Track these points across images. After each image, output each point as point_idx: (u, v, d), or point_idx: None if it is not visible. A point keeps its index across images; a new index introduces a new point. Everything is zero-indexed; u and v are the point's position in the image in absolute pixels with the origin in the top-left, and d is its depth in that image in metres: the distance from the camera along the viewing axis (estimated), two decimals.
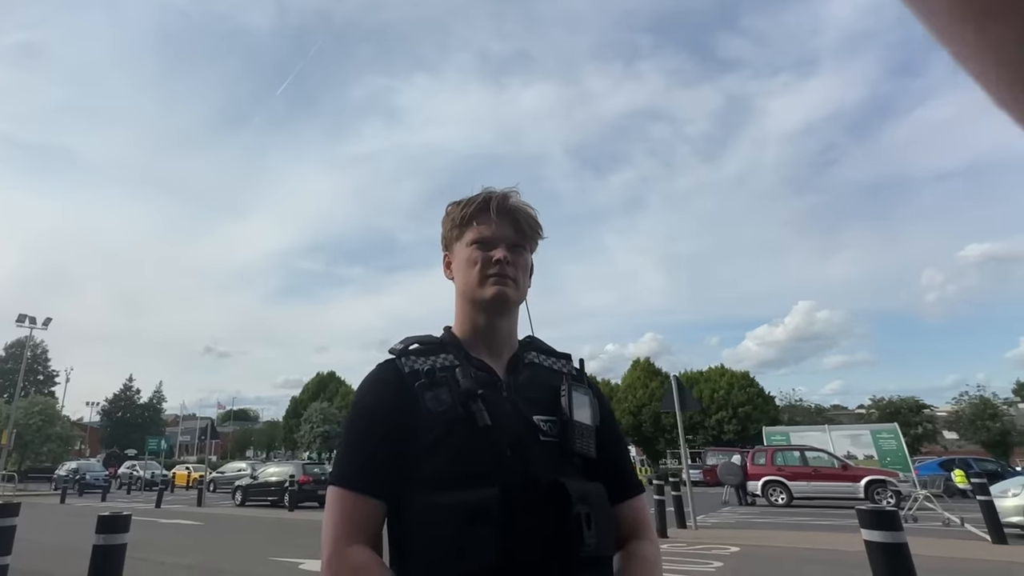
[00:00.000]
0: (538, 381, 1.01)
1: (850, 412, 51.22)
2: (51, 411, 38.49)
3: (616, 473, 1.02)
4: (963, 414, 38.22)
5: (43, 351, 51.55)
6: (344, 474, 0.91)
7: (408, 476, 0.89)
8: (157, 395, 58.04)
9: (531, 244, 1.07)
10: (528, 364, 1.04)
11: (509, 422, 0.93)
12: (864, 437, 20.83)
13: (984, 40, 0.20)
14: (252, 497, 18.49)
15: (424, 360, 0.98)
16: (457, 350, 1.01)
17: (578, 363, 1.10)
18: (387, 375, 0.98)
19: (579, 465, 0.95)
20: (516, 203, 1.05)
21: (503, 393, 0.97)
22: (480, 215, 1.04)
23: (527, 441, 0.93)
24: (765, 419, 35.68)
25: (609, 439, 1.03)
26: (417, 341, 1.02)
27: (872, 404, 42.67)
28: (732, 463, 18.37)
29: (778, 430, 24.51)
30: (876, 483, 15.80)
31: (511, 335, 1.05)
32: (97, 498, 22.03)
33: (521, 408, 0.96)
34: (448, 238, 1.09)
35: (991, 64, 0.21)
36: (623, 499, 1.02)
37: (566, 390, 1.00)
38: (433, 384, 0.94)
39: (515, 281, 1.01)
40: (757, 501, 17.29)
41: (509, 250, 1.02)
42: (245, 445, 66.17)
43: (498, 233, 1.03)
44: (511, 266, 1.01)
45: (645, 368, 44.56)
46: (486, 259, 1.01)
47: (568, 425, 0.96)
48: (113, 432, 54.07)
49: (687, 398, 11.70)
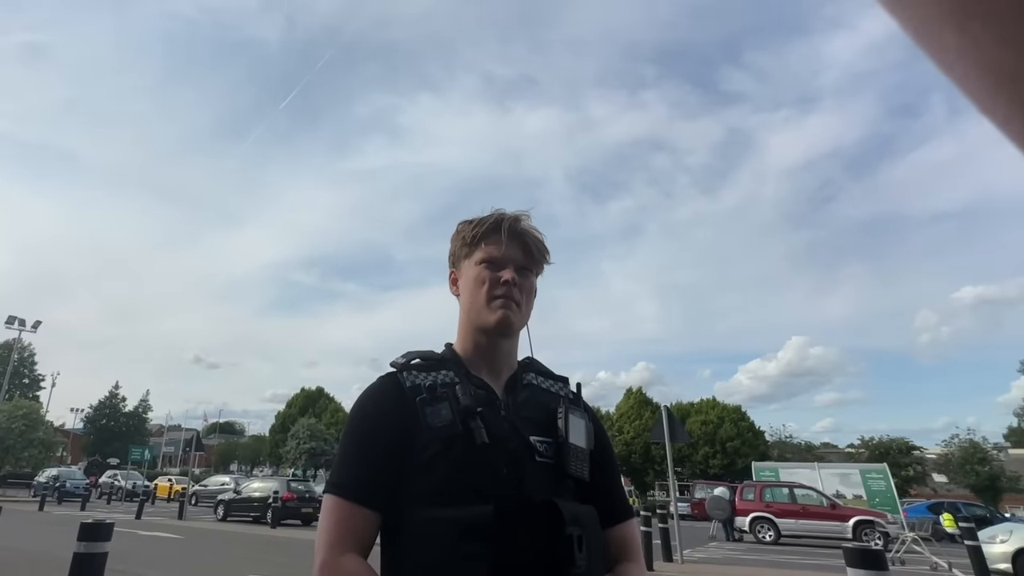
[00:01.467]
0: (536, 402, 1.03)
1: (840, 451, 50.89)
2: (35, 416, 37.90)
3: (608, 497, 1.04)
4: (953, 457, 38.07)
5: (30, 354, 51.05)
6: (340, 482, 0.92)
7: (404, 490, 0.91)
8: (143, 404, 57.35)
9: (538, 268, 1.09)
10: (526, 385, 1.05)
11: (506, 441, 0.94)
12: (853, 476, 20.74)
13: (964, 41, 0.20)
14: (234, 512, 18.19)
15: (425, 375, 0.99)
16: (458, 367, 1.02)
17: (575, 387, 1.12)
18: (389, 388, 0.99)
19: (572, 487, 0.97)
20: (527, 226, 1.07)
21: (501, 412, 0.98)
22: (491, 235, 1.05)
23: (523, 460, 0.94)
24: (754, 454, 35.57)
25: (603, 463, 1.05)
26: (419, 356, 1.04)
27: (862, 444, 42.52)
28: (720, 497, 18.19)
29: (767, 466, 24.40)
30: (864, 523, 15.67)
31: (511, 355, 1.07)
32: (76, 507, 21.61)
33: (518, 428, 0.97)
34: (457, 255, 1.10)
35: (972, 66, 0.21)
36: (614, 523, 1.04)
37: (563, 413, 1.01)
38: (434, 400, 0.94)
39: (519, 305, 1.03)
40: (744, 537, 17.11)
41: (517, 272, 1.04)
42: (230, 459, 65.08)
43: (507, 254, 1.04)
44: (517, 288, 1.03)
45: (638, 398, 44.43)
46: (494, 279, 1.02)
47: (563, 447, 0.97)
48: (96, 440, 53.19)
49: (677, 429, 11.67)
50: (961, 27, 0.20)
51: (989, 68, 0.20)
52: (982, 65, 0.20)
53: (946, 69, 0.22)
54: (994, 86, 0.21)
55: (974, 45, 0.20)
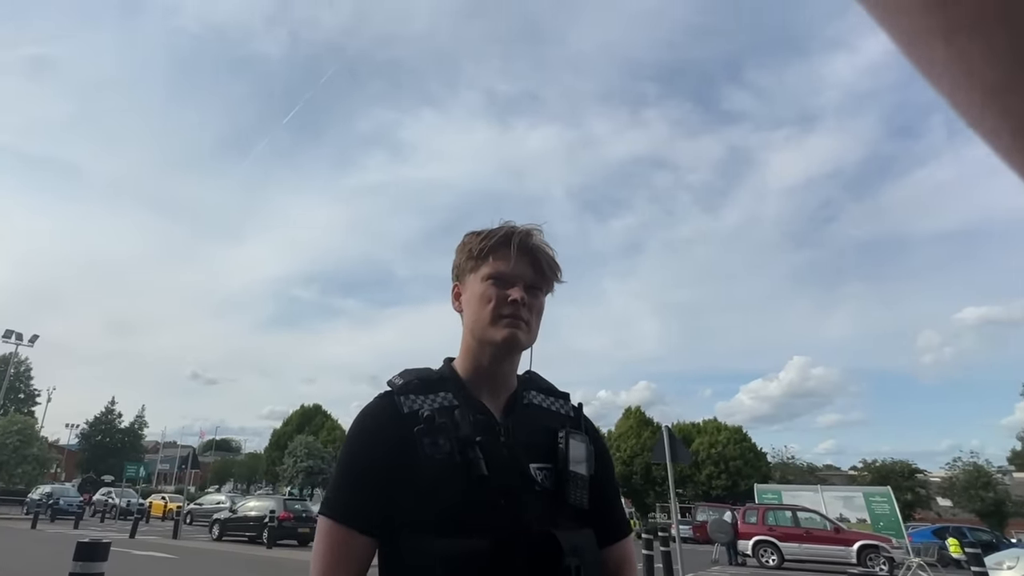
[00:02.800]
0: (536, 425, 1.00)
1: (842, 473, 50.41)
2: (29, 431, 37.56)
3: (607, 516, 1.04)
4: (956, 481, 37.69)
5: (27, 368, 50.77)
6: (336, 506, 0.91)
7: (402, 518, 0.89)
8: (139, 420, 56.80)
9: (548, 287, 1.04)
10: (527, 405, 1.02)
11: (505, 471, 0.92)
12: (857, 500, 20.48)
13: (953, 55, 0.20)
14: (230, 531, 17.89)
15: (423, 399, 0.96)
16: (457, 388, 0.99)
17: (577, 405, 1.09)
18: (388, 412, 0.96)
19: (571, 512, 0.96)
20: (538, 242, 1.01)
21: (501, 438, 0.95)
22: (500, 249, 0.99)
23: (522, 491, 0.92)
24: (756, 476, 35.13)
25: (603, 483, 1.04)
26: (416, 376, 1.00)
27: (864, 466, 42.10)
28: (723, 520, 17.98)
29: (770, 488, 24.11)
30: (869, 548, 15.48)
31: (512, 373, 1.04)
32: (70, 525, 21.28)
33: (518, 456, 0.95)
34: (462, 268, 1.05)
35: (960, 79, 0.21)
36: (612, 542, 1.05)
37: (563, 438, 0.98)
38: (432, 429, 0.91)
39: (528, 324, 0.98)
40: (748, 561, 16.87)
41: (526, 291, 0.99)
42: (226, 476, 64.41)
43: (516, 271, 0.99)
44: (526, 308, 0.98)
45: (637, 417, 44.09)
46: (501, 297, 0.97)
47: (563, 475, 0.96)
48: (91, 456, 52.62)
49: (678, 450, 11.54)
50: (949, 40, 0.20)
51: (977, 81, 0.20)
52: (970, 78, 0.20)
53: (934, 82, 0.22)
54: (981, 99, 0.21)
55: (962, 58, 0.20)
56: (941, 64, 0.21)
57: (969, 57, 0.20)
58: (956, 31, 0.20)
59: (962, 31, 0.19)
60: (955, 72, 0.21)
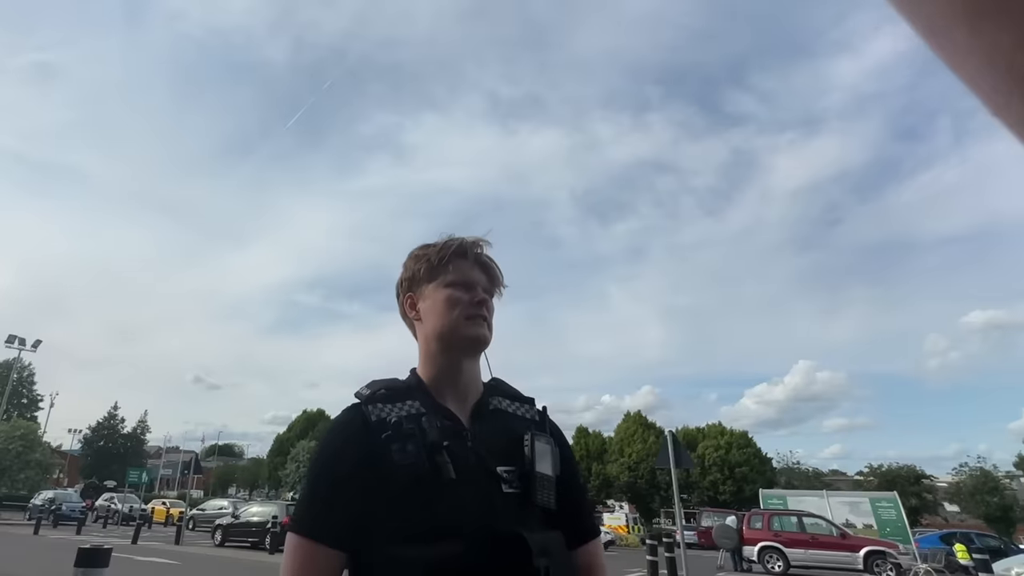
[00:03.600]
0: (502, 429, 1.03)
1: (848, 478, 50.07)
2: (32, 436, 37.62)
3: (574, 518, 1.05)
4: (963, 486, 37.40)
5: (30, 373, 50.82)
6: (304, 520, 0.91)
7: (371, 528, 0.90)
8: (141, 425, 56.78)
9: (498, 293, 1.11)
10: (493, 411, 1.05)
11: (473, 474, 0.93)
12: (863, 505, 20.34)
13: (977, 42, 0.20)
14: (232, 537, 17.83)
15: (391, 407, 0.98)
16: (424, 396, 1.01)
17: (541, 408, 1.12)
18: (355, 423, 0.97)
19: (540, 513, 0.97)
20: (488, 252, 1.11)
21: (468, 443, 0.97)
22: (458, 259, 1.06)
23: (490, 493, 0.94)
24: (762, 481, 34.91)
25: (570, 484, 1.05)
26: (384, 386, 1.02)
27: (870, 471, 41.82)
28: (728, 526, 17.83)
29: (775, 493, 23.97)
30: (876, 554, 15.30)
31: (476, 379, 1.07)
32: (72, 530, 21.25)
33: (485, 459, 0.97)
34: (417, 279, 1.09)
35: (984, 67, 0.21)
36: (581, 543, 1.06)
37: (529, 440, 1.01)
38: (399, 436, 0.93)
39: (489, 324, 1.05)
40: (753, 567, 16.74)
41: (485, 294, 1.07)
42: (228, 482, 64.35)
43: (475, 277, 1.07)
44: (486, 309, 1.05)
45: (637, 420, 43.87)
46: (469, 299, 1.04)
47: (530, 476, 0.97)
48: (93, 462, 52.63)
49: (682, 455, 11.48)
50: (973, 26, 0.20)
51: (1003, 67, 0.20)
52: (996, 65, 0.20)
53: (956, 67, 0.22)
54: (1008, 86, 0.20)
55: (987, 44, 0.20)
56: (964, 51, 0.21)
57: (994, 43, 0.20)
58: (981, 16, 0.19)
59: (987, 16, 0.19)
60: (979, 59, 0.20)
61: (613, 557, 19.62)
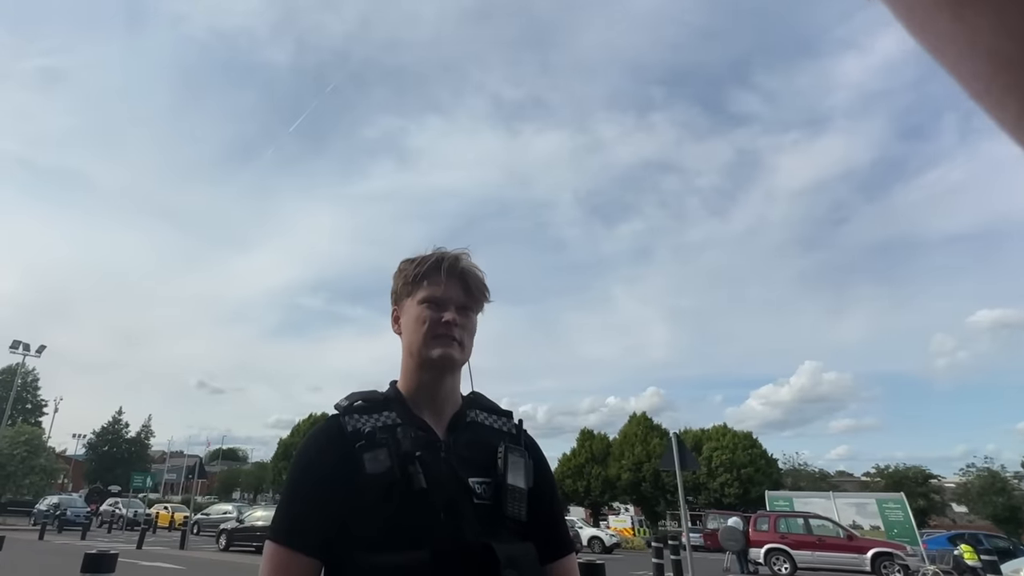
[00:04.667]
0: (478, 441, 1.03)
1: (855, 479, 49.77)
2: (37, 442, 37.67)
3: (548, 532, 1.05)
4: (971, 486, 37.13)
5: (34, 379, 50.97)
6: (279, 529, 0.93)
7: (344, 536, 0.91)
8: (145, 429, 57.03)
9: (478, 307, 1.10)
10: (469, 424, 1.06)
11: (444, 485, 0.94)
12: (870, 506, 20.25)
13: (959, 28, 0.20)
14: (237, 542, 17.85)
15: (367, 418, 0.99)
16: (401, 408, 1.02)
17: (518, 422, 1.13)
18: (331, 432, 0.99)
19: (512, 527, 0.97)
20: (467, 265, 1.08)
21: (441, 454, 0.98)
22: (432, 275, 1.06)
23: (461, 504, 0.95)
24: (768, 482, 34.70)
25: (544, 498, 1.05)
26: (362, 398, 1.04)
27: (877, 472, 41.54)
28: (733, 528, 17.73)
29: (781, 495, 23.89)
30: (883, 556, 15.23)
31: (454, 392, 1.08)
32: (77, 535, 21.29)
33: (457, 470, 0.97)
34: (399, 293, 1.11)
35: (966, 53, 0.21)
36: (555, 558, 1.05)
37: (503, 453, 1.02)
38: (372, 445, 0.94)
39: (461, 343, 1.04)
40: (760, 570, 16.64)
41: (458, 312, 1.05)
42: (232, 486, 64.34)
43: (448, 294, 1.05)
44: (459, 328, 1.04)
45: (642, 422, 43.70)
46: (435, 319, 1.03)
47: (502, 488, 0.98)
48: (98, 466, 52.77)
49: (687, 457, 11.43)
50: (956, 13, 0.20)
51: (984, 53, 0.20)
52: (977, 51, 0.20)
53: (938, 54, 0.22)
54: (989, 72, 0.20)
55: (969, 31, 0.20)
56: (946, 37, 0.21)
57: (976, 30, 0.20)
58: (963, 3, 0.19)
59: (969, 4, 0.19)
60: (960, 45, 0.21)
61: (618, 560, 19.54)
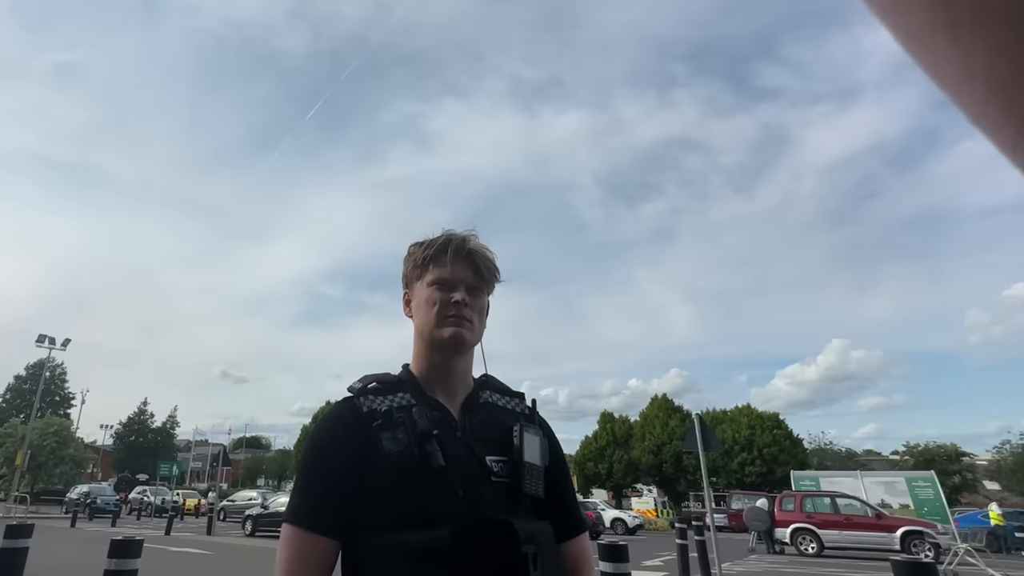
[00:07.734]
0: (491, 421, 1.05)
1: (883, 458, 49.16)
2: (66, 433, 38.70)
3: (562, 511, 1.07)
4: (1005, 464, 36.46)
5: (61, 372, 52.19)
6: (297, 511, 0.93)
7: (362, 516, 0.92)
8: (171, 419, 58.25)
9: (488, 287, 1.10)
10: (483, 404, 1.07)
11: (462, 463, 0.95)
12: (899, 485, 19.92)
13: (956, 51, 0.20)
14: (262, 527, 18.13)
15: (382, 399, 1.00)
16: (414, 389, 1.03)
17: (531, 402, 1.14)
18: (345, 413, 0.99)
19: (529, 505, 1.00)
20: (475, 246, 1.09)
21: (457, 433, 0.99)
22: (440, 257, 1.07)
23: (479, 482, 0.96)
24: (793, 462, 34.34)
25: (557, 478, 1.08)
26: (376, 380, 1.05)
27: (906, 450, 40.92)
28: (759, 508, 17.60)
29: (807, 474, 23.61)
30: (913, 534, 14.98)
31: (466, 374, 1.09)
32: (107, 523, 21.79)
33: (474, 448, 0.98)
34: (409, 277, 1.12)
35: (963, 75, 0.21)
36: (568, 537, 1.07)
37: (518, 431, 1.03)
38: (390, 425, 0.95)
39: (471, 323, 1.04)
40: (786, 549, 16.50)
41: (467, 292, 1.05)
42: (256, 473, 65.62)
43: (457, 275, 1.05)
44: (468, 308, 1.04)
45: (663, 405, 43.50)
46: (445, 300, 1.04)
47: (519, 466, 0.99)
48: (125, 456, 54.11)
49: (710, 438, 11.22)
50: (952, 36, 0.20)
51: (980, 77, 0.20)
52: (973, 74, 0.20)
53: (936, 77, 0.22)
54: (984, 96, 0.20)
55: (965, 54, 0.20)
56: (944, 60, 0.21)
57: (973, 53, 0.20)
58: (960, 27, 0.19)
59: (966, 27, 0.19)
60: (958, 68, 0.21)
61: (642, 541, 19.51)
